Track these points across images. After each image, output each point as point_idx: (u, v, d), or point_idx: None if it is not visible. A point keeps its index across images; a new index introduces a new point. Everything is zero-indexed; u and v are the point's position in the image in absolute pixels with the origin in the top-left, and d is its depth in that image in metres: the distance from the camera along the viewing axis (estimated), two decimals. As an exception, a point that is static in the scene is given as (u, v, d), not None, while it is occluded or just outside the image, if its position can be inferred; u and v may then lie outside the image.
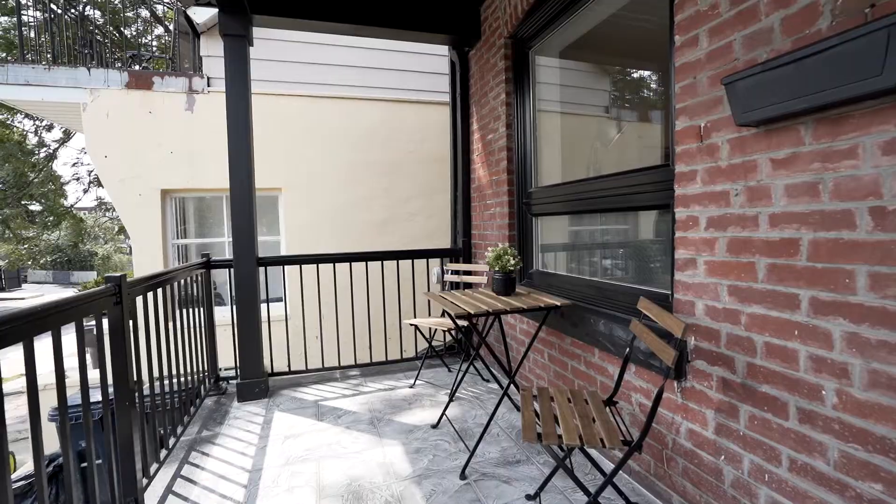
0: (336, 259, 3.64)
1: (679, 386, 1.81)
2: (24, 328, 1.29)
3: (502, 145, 3.38)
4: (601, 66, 3.61)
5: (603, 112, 3.71)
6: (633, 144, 3.10)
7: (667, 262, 2.09)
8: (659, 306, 1.74)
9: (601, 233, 2.68)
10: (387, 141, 5.34)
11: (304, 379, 3.61)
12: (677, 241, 1.79)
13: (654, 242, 2.24)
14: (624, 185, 2.26)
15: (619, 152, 3.11)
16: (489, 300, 2.44)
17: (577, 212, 2.77)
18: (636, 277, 2.32)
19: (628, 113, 3.55)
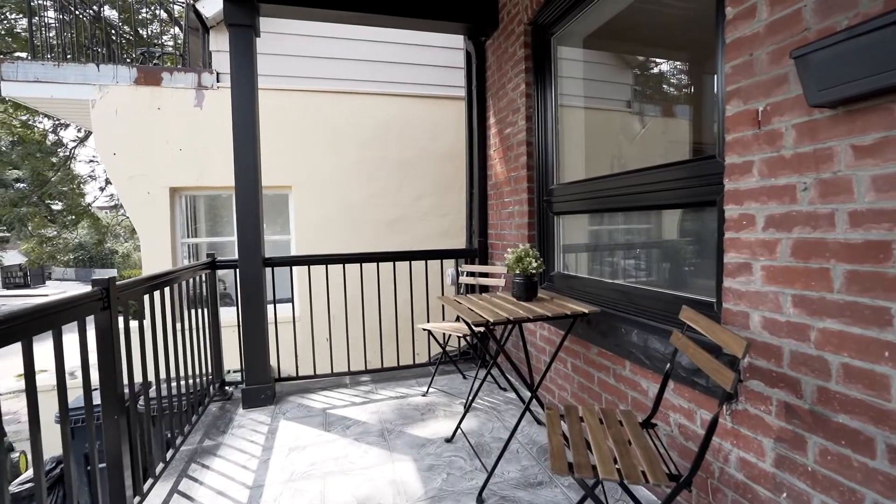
0: (346, 259, 3.48)
1: (728, 408, 1.59)
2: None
3: (521, 139, 3.18)
4: (627, 55, 3.38)
5: (626, 106, 3.48)
6: (666, 137, 2.86)
7: (709, 266, 1.86)
8: (707, 317, 1.53)
9: (629, 233, 2.47)
10: (399, 137, 5.17)
11: (313, 385, 3.46)
12: (727, 242, 1.57)
13: (693, 244, 2.01)
14: (659, 181, 2.04)
15: (648, 147, 2.88)
16: (509, 306, 2.24)
17: (605, 210, 2.56)
18: (671, 283, 2.10)
19: (659, 104, 3.31)
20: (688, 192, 1.89)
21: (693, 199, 1.87)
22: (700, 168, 1.81)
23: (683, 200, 1.92)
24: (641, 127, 3.20)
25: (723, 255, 1.61)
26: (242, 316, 3.05)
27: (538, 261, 2.30)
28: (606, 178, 2.46)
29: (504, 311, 2.12)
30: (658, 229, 2.27)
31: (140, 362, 2.03)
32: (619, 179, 2.34)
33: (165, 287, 2.40)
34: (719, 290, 1.68)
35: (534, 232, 3.18)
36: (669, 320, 1.93)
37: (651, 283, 2.18)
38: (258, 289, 3.05)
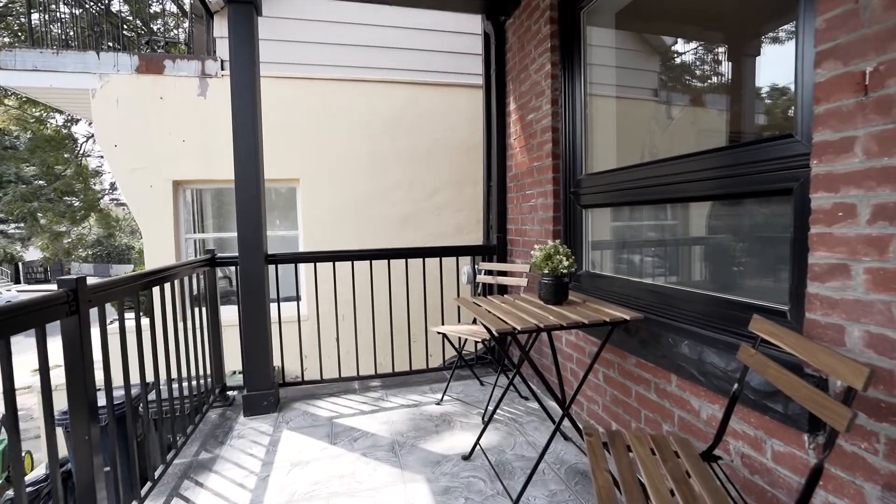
0: (355, 256, 3.24)
1: (812, 440, 1.30)
2: None
3: (546, 125, 2.90)
4: (664, 31, 3.07)
5: (657, 91, 3.17)
6: (712, 121, 2.55)
7: (777, 267, 1.58)
8: (793, 332, 1.24)
9: (672, 228, 2.18)
10: (411, 128, 4.91)
11: (319, 390, 3.23)
12: (814, 239, 1.29)
13: (755, 241, 1.72)
14: (710, 168, 1.75)
15: (691, 133, 2.58)
16: (537, 310, 1.97)
17: (644, 202, 2.27)
18: (726, 286, 1.81)
19: (702, 86, 3.00)
20: (749, 179, 1.60)
21: (757, 188, 1.58)
22: (768, 150, 1.52)
23: (743, 189, 1.63)
24: (681, 110, 2.90)
25: (806, 254, 1.32)
26: (243, 317, 2.83)
27: (569, 259, 2.03)
28: (645, 167, 2.17)
29: (532, 316, 1.85)
30: (707, 224, 1.98)
31: (122, 369, 1.82)
32: (660, 167, 2.05)
33: (156, 286, 2.18)
34: (798, 297, 1.40)
35: (559, 227, 2.90)
36: (728, 330, 1.65)
37: (700, 286, 1.89)
38: (260, 288, 2.83)
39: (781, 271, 1.58)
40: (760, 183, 1.56)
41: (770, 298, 1.60)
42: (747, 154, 1.62)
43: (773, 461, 1.43)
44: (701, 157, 1.83)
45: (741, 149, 1.65)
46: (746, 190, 1.63)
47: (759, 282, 1.71)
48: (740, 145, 1.65)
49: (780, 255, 1.61)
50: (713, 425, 1.65)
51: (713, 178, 1.76)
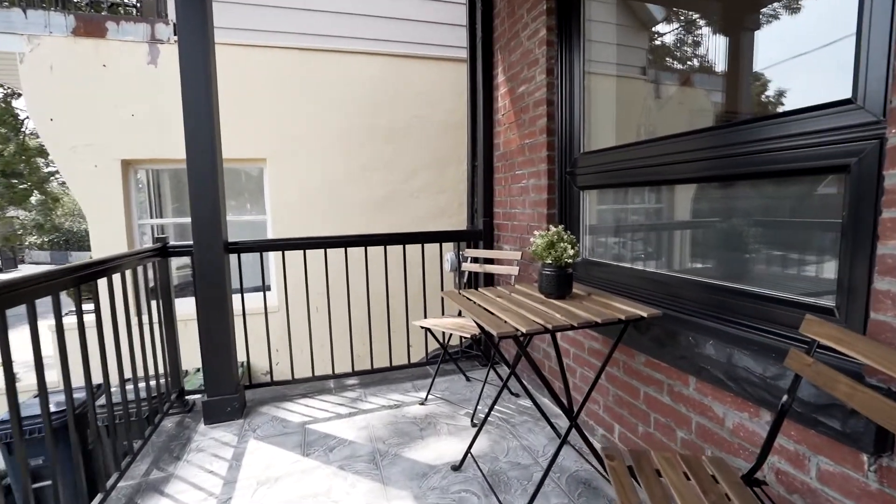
0: (328, 243, 2.93)
1: (873, 462, 1.11)
2: None
3: (540, 98, 2.62)
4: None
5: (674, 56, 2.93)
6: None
7: (818, 256, 1.37)
8: (866, 338, 1.03)
9: (687, 212, 1.95)
10: (389, 103, 4.55)
11: (290, 391, 2.94)
12: (887, 224, 1.07)
13: (795, 226, 1.51)
14: (740, 143, 1.52)
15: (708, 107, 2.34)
16: (538, 306, 1.73)
17: (654, 183, 2.03)
18: (756, 277, 1.60)
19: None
20: (790, 155, 1.37)
21: (800, 166, 1.35)
22: (818, 121, 1.29)
23: (780, 168, 1.40)
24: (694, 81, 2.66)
25: (873, 242, 1.11)
26: (201, 314, 2.50)
27: (575, 247, 1.78)
28: (656, 143, 1.93)
29: (535, 314, 1.60)
30: (729, 207, 1.76)
31: (62, 375, 1.49)
32: (674, 144, 1.81)
33: (91, 281, 1.84)
34: (855, 293, 1.19)
35: (553, 210, 2.66)
36: (764, 330, 1.44)
37: (726, 278, 1.68)
38: (219, 280, 2.50)
39: (826, 263, 1.38)
40: (805, 160, 1.33)
41: (814, 293, 1.40)
42: (786, 126, 1.39)
43: (818, 481, 1.24)
44: (726, 130, 1.59)
45: (779, 120, 1.42)
46: (785, 168, 1.40)
47: (796, 273, 1.50)
48: (778, 116, 1.41)
49: (823, 243, 1.40)
50: (741, 435, 1.45)
51: (741, 154, 1.53)
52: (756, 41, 1.64)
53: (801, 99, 1.41)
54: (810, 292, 1.40)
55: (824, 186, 1.34)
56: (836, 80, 1.29)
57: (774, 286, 1.50)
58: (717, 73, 1.87)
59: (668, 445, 1.76)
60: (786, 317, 1.38)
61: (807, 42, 1.44)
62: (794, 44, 1.49)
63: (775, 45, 1.56)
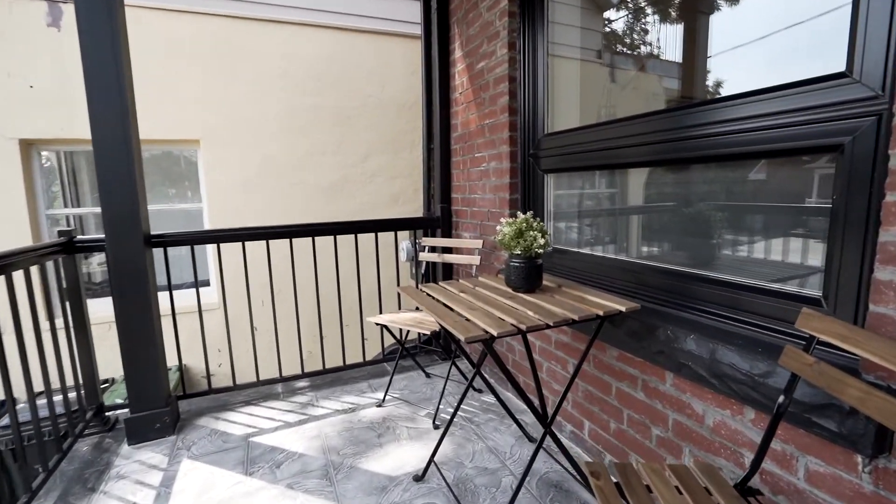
0: (270, 234, 2.63)
1: (868, 465, 1.04)
2: None
3: (501, 74, 2.44)
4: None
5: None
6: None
7: (799, 243, 1.30)
8: (878, 336, 0.93)
9: (657, 196, 1.85)
10: (338, 81, 4.22)
11: (232, 399, 2.65)
12: (889, 209, 0.98)
13: (776, 211, 1.42)
14: (717, 122, 1.41)
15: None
16: (507, 302, 1.57)
17: (625, 165, 1.91)
18: (737, 265, 1.52)
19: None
20: (775, 135, 1.27)
21: (785, 146, 1.26)
22: (807, 97, 1.19)
23: (769, 148, 1.30)
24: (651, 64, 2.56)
25: (874, 229, 1.02)
26: (119, 319, 2.15)
27: (545, 236, 1.63)
28: (630, 123, 1.80)
29: (504, 311, 1.44)
30: (712, 190, 1.66)
31: None
32: (650, 123, 1.69)
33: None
34: (847, 284, 1.11)
35: (516, 195, 2.51)
36: (750, 324, 1.36)
37: (705, 266, 1.59)
38: (139, 278, 2.16)
39: (810, 250, 1.30)
40: (793, 139, 1.24)
41: (797, 283, 1.33)
42: (771, 103, 1.29)
43: (806, 482, 1.17)
44: (706, 108, 1.48)
45: (764, 97, 1.31)
46: (770, 149, 1.30)
47: (780, 261, 1.42)
48: (763, 92, 1.31)
49: (810, 229, 1.32)
50: (722, 434, 1.37)
51: (723, 133, 1.42)
52: (729, 19, 1.53)
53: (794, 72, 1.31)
54: (793, 281, 1.32)
55: (817, 167, 1.25)
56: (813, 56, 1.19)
57: (756, 275, 1.41)
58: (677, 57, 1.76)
59: (643, 443, 1.67)
60: (771, 308, 1.30)
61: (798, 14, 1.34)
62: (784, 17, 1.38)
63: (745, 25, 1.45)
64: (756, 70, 1.39)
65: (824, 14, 1.21)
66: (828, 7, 1.18)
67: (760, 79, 1.34)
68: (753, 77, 1.38)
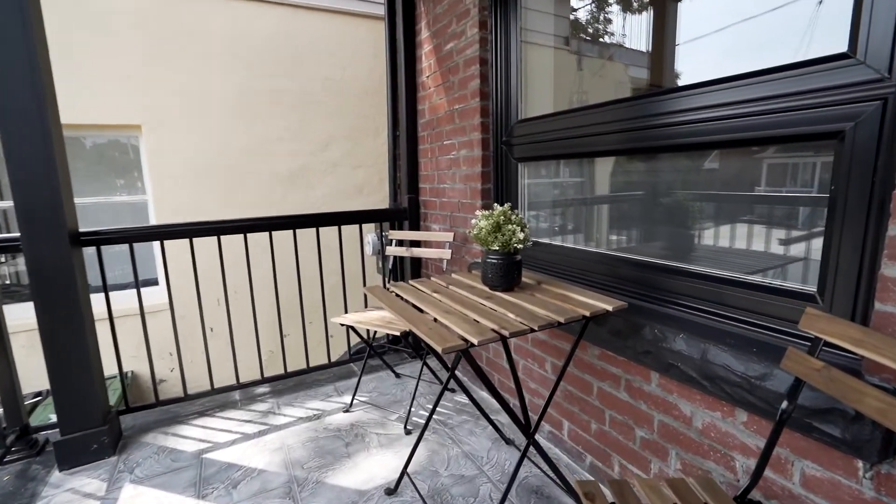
0: (222, 229, 2.40)
1: (870, 470, 0.98)
2: None
3: (472, 56, 2.29)
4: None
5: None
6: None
7: (795, 236, 1.23)
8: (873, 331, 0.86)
9: (639, 185, 1.76)
10: (296, 63, 3.94)
11: (184, 410, 2.42)
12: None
13: (767, 202, 1.35)
14: (706, 107, 1.33)
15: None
16: (484, 303, 1.44)
17: (607, 153, 1.81)
18: (728, 260, 1.45)
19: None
20: (767, 121, 1.19)
21: (784, 132, 1.18)
22: (805, 80, 1.11)
23: (763, 135, 1.22)
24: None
25: (880, 222, 0.95)
26: (41, 327, 1.88)
27: (525, 230, 1.51)
28: (611, 107, 1.70)
29: (483, 314, 1.31)
30: (699, 179, 1.58)
31: None
32: (634, 107, 1.59)
33: None
34: (845, 280, 1.04)
35: (489, 185, 2.38)
36: (745, 322, 1.29)
37: (694, 260, 1.51)
38: (66, 280, 1.89)
39: (805, 245, 1.24)
40: (789, 125, 1.16)
41: (791, 278, 1.26)
42: (763, 87, 1.21)
43: (802, 487, 1.12)
44: (692, 93, 1.39)
45: (756, 80, 1.23)
46: (764, 136, 1.22)
47: (773, 254, 1.35)
48: (755, 75, 1.22)
49: (804, 220, 1.25)
50: (711, 436, 1.31)
51: (711, 119, 1.33)
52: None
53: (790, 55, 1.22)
54: (787, 276, 1.26)
55: (815, 156, 1.18)
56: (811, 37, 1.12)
57: (747, 269, 1.35)
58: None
59: (627, 445, 1.60)
60: (765, 305, 1.23)
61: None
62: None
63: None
64: (747, 52, 1.31)
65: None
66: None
67: (754, 62, 1.25)
68: (748, 60, 1.29)
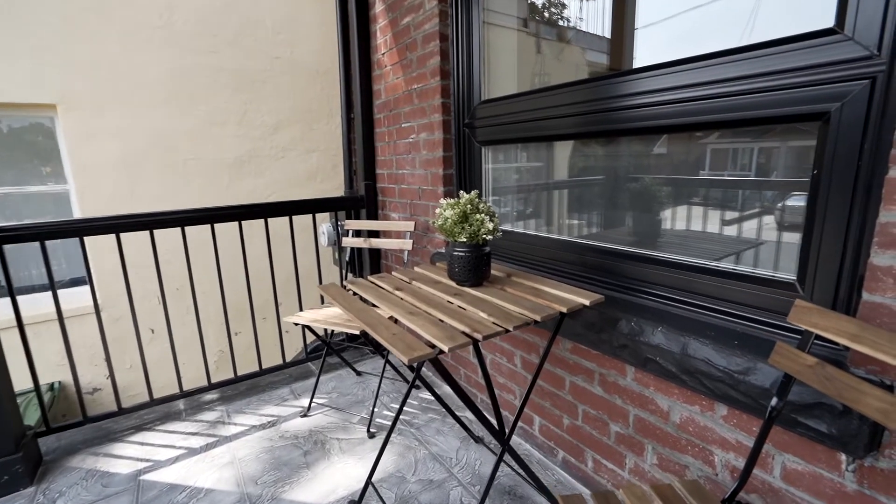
0: (155, 222, 2.14)
1: (852, 463, 0.96)
2: None
3: (431, 31, 2.13)
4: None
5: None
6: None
7: (771, 222, 1.19)
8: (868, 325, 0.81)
9: (610, 168, 1.69)
10: (238, 39, 3.61)
11: (118, 426, 2.17)
12: (893, 185, 0.86)
13: (742, 186, 1.30)
14: (681, 87, 1.25)
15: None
16: (453, 300, 1.32)
17: (580, 136, 1.72)
18: (706, 247, 1.40)
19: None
20: (752, 101, 1.13)
21: (764, 113, 1.12)
22: (786, 58, 1.05)
23: (741, 116, 1.16)
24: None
25: (865, 208, 0.91)
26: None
27: (494, 220, 1.40)
28: (581, 87, 1.60)
29: (451, 314, 1.19)
30: (672, 162, 1.52)
31: None
32: (605, 87, 1.50)
33: None
34: (839, 268, 1.00)
35: (451, 171, 2.25)
36: (728, 314, 1.23)
37: (668, 248, 1.45)
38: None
39: (783, 228, 1.20)
40: (766, 106, 1.10)
41: (763, 265, 1.22)
42: (741, 66, 1.14)
43: (783, 480, 1.09)
44: (668, 71, 1.31)
45: (734, 57, 1.16)
46: (742, 117, 1.16)
47: (749, 239, 1.31)
48: (734, 52, 1.15)
49: (782, 205, 1.21)
50: (689, 431, 1.26)
51: (688, 100, 1.26)
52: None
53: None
54: (764, 264, 1.22)
55: (797, 138, 1.12)
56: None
57: (724, 257, 1.30)
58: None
59: (601, 440, 1.55)
60: (745, 295, 1.18)
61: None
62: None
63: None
64: (718, 32, 1.24)
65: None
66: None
67: (728, 41, 1.18)
68: (719, 40, 1.22)
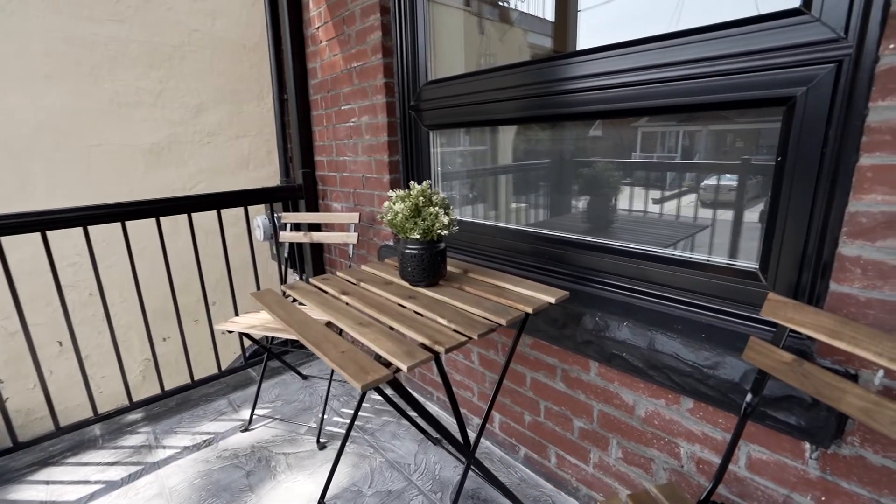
0: (47, 222, 1.81)
1: (815, 451, 0.96)
2: None
3: (371, 2, 1.94)
4: None
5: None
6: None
7: (730, 208, 1.17)
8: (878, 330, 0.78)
9: (563, 153, 1.61)
10: (147, 7, 3.17)
11: (15, 463, 1.86)
12: (867, 174, 0.84)
13: (699, 170, 1.27)
14: (651, 66, 1.19)
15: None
16: (407, 305, 1.20)
17: (536, 119, 1.62)
18: (668, 235, 1.36)
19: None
20: (711, 84, 1.08)
21: (725, 98, 1.07)
22: (751, 39, 1.01)
23: (701, 100, 1.11)
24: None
25: (830, 196, 0.89)
26: None
27: (449, 213, 1.28)
28: (534, 67, 1.50)
29: (407, 323, 1.07)
30: (625, 146, 1.46)
31: None
32: (560, 67, 1.41)
33: None
34: (801, 257, 0.98)
35: (397, 157, 2.10)
36: (696, 306, 1.20)
37: (630, 238, 1.40)
38: None
39: (745, 219, 1.18)
40: (727, 90, 1.05)
41: (722, 254, 1.20)
42: (700, 48, 1.09)
43: (748, 469, 1.09)
44: (628, 51, 1.24)
45: (693, 38, 1.10)
46: (702, 101, 1.11)
47: (706, 232, 1.29)
48: (691, 33, 1.10)
49: (744, 192, 1.19)
50: (655, 424, 1.24)
51: (646, 82, 1.20)
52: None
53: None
54: (723, 253, 1.20)
55: (762, 122, 1.09)
56: None
57: (688, 247, 1.27)
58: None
59: (564, 436, 1.51)
60: (708, 285, 1.16)
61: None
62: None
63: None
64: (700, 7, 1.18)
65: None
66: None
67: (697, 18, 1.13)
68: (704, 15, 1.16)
